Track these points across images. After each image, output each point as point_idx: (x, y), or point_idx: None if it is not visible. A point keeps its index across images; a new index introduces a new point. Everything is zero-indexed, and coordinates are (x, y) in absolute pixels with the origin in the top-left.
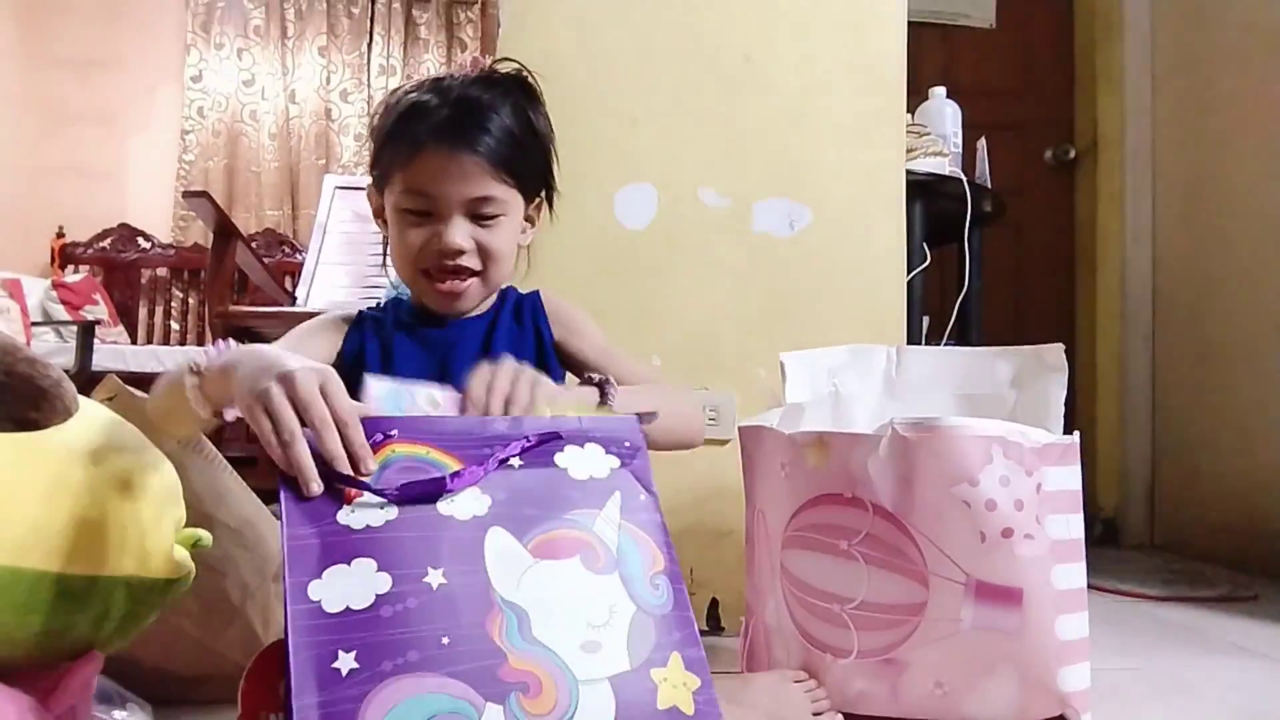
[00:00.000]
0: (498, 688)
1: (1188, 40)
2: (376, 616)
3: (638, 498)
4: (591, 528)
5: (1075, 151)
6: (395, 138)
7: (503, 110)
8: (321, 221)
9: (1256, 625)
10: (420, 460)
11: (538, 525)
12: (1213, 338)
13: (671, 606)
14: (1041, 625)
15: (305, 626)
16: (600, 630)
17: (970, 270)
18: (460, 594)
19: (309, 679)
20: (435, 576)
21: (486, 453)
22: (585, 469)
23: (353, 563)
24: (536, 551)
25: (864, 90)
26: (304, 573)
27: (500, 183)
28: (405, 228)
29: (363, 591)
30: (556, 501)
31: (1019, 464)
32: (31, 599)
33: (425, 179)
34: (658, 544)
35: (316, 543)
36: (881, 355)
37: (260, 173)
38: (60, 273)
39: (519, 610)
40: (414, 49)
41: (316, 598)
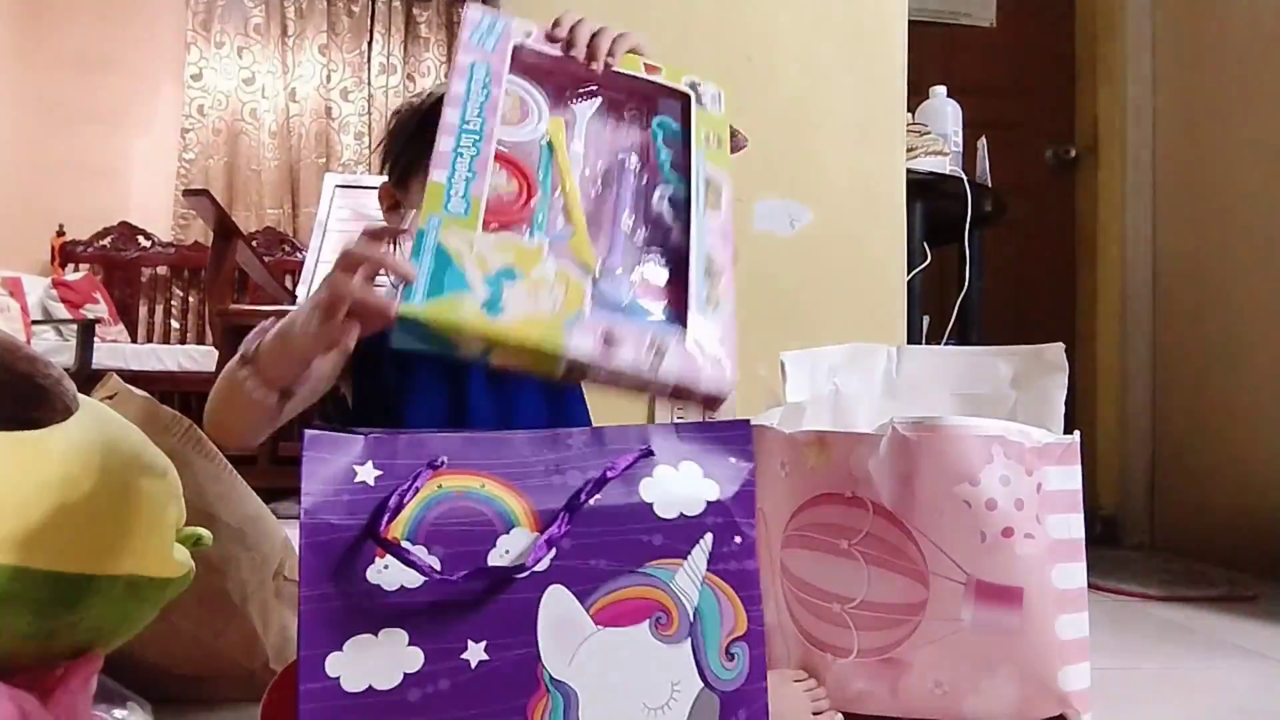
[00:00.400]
0: None
1: (1189, 39)
2: (403, 700)
3: (733, 541)
4: (670, 584)
5: (1076, 151)
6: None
7: None
8: (322, 220)
9: (1256, 625)
10: (473, 496)
11: (607, 582)
12: (1213, 337)
13: (744, 681)
14: (1042, 625)
15: (320, 709)
16: (657, 713)
17: (970, 269)
18: (502, 672)
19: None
20: (476, 652)
21: (556, 481)
22: (675, 504)
23: (380, 633)
24: (600, 617)
25: (864, 89)
26: (322, 643)
27: None
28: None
29: (389, 669)
30: (634, 549)
31: (1019, 463)
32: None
33: None
34: (744, 600)
35: (340, 606)
36: (882, 355)
37: (260, 171)
38: (60, 271)
39: (568, 690)
40: (414, 47)
41: (335, 674)
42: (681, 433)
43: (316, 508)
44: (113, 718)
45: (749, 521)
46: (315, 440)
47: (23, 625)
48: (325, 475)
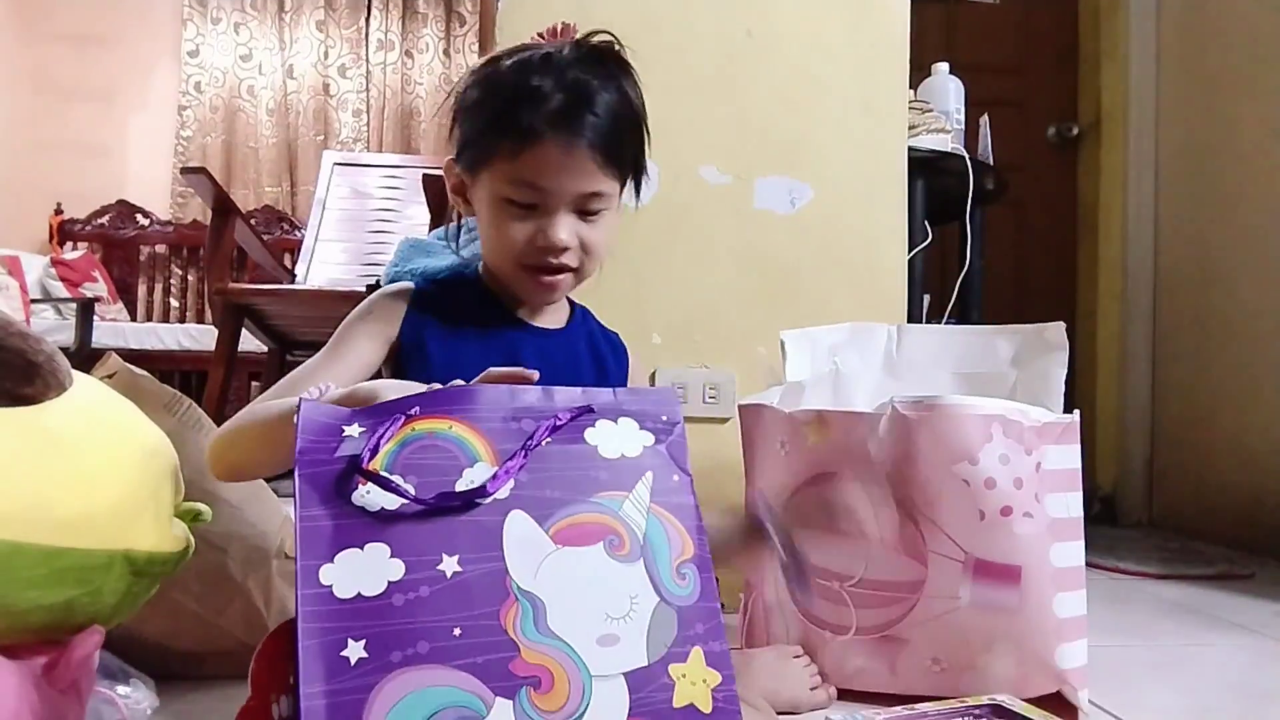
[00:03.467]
0: (508, 682)
1: (1192, 16)
2: (388, 605)
3: (671, 479)
4: (619, 511)
5: (1078, 129)
6: (503, 122)
7: (610, 93)
8: (320, 198)
9: (1253, 603)
10: (442, 436)
11: (561, 509)
12: (1213, 316)
13: (697, 597)
14: (1040, 603)
15: (315, 612)
16: (619, 623)
17: (972, 248)
18: (475, 583)
19: (317, 666)
20: (450, 564)
21: (514, 426)
22: (616, 446)
23: (365, 547)
24: (558, 537)
25: (866, 66)
26: (316, 555)
27: (608, 176)
28: (508, 219)
29: (375, 578)
30: (583, 482)
31: (1019, 442)
32: (31, 574)
33: (540, 172)
34: (688, 529)
35: (329, 525)
36: (882, 333)
37: (258, 149)
38: (59, 249)
39: (535, 600)
40: (412, 23)
41: (328, 582)
42: (618, 395)
43: (309, 449)
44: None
45: (683, 466)
46: (311, 405)
47: (22, 602)
48: (317, 429)
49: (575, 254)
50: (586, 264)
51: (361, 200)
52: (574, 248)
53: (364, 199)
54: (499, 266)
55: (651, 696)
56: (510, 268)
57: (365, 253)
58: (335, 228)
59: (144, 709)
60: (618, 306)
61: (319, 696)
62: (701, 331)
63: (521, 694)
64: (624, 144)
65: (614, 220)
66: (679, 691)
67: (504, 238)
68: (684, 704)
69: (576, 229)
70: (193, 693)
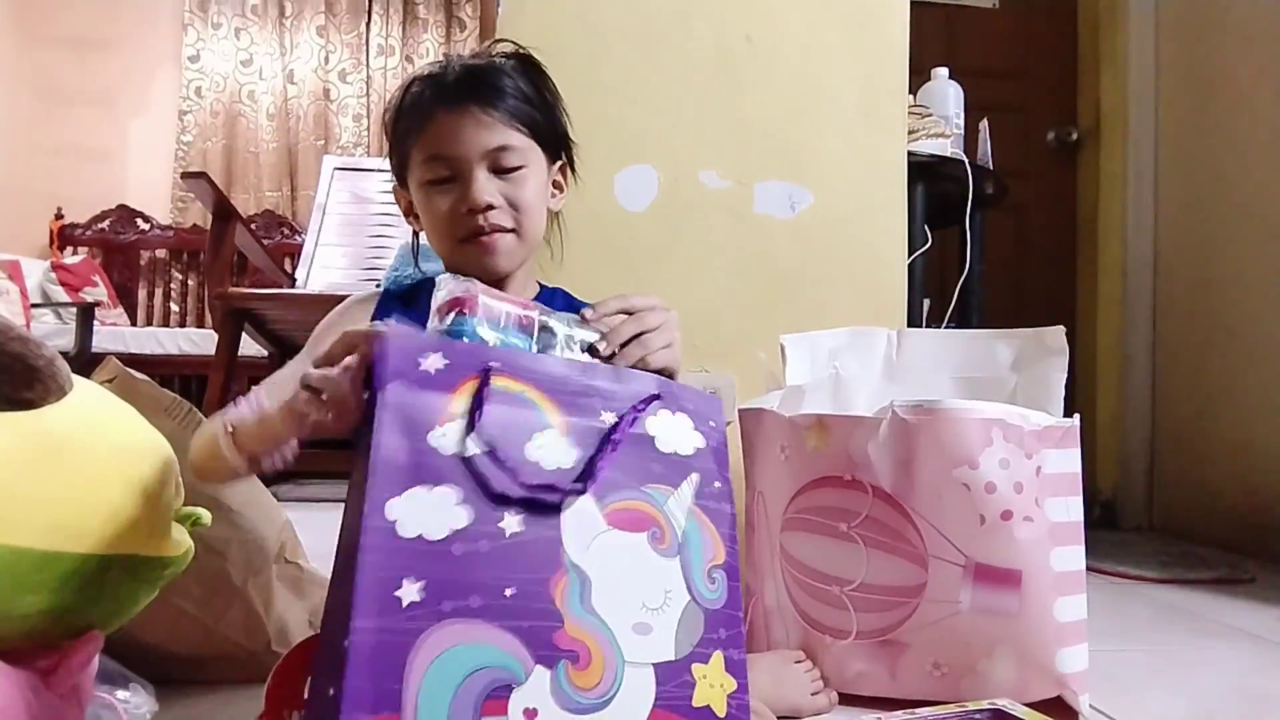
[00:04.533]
0: (549, 652)
1: (1192, 21)
2: (448, 552)
3: (713, 484)
4: (664, 506)
5: (1078, 133)
6: (406, 114)
7: (507, 70)
8: (320, 203)
9: (1254, 607)
10: (518, 398)
11: (617, 491)
12: (1213, 321)
13: (724, 603)
14: (1040, 607)
15: (377, 545)
16: (654, 614)
17: (971, 252)
18: (531, 546)
19: (371, 601)
20: (511, 523)
21: (583, 403)
22: (671, 442)
23: (434, 489)
24: (611, 519)
25: (866, 71)
26: (385, 488)
27: (515, 130)
28: (432, 199)
29: (440, 522)
30: (639, 471)
31: (1019, 447)
32: (30, 578)
33: (442, 142)
34: (723, 536)
35: (406, 458)
36: (882, 338)
37: (259, 153)
38: (59, 254)
39: (584, 575)
40: (412, 29)
41: (393, 517)
42: (679, 388)
43: (394, 374)
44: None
45: (724, 475)
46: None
47: (22, 606)
48: (402, 353)
49: (505, 213)
50: (523, 222)
51: (362, 205)
52: (501, 206)
53: (364, 204)
54: (442, 251)
55: (675, 691)
56: (451, 248)
57: (365, 257)
58: (335, 232)
59: (143, 714)
60: None
61: (369, 633)
62: (701, 335)
63: (560, 666)
64: (528, 106)
65: (538, 182)
66: (699, 691)
67: (435, 219)
68: (702, 704)
69: (499, 188)
70: (192, 697)
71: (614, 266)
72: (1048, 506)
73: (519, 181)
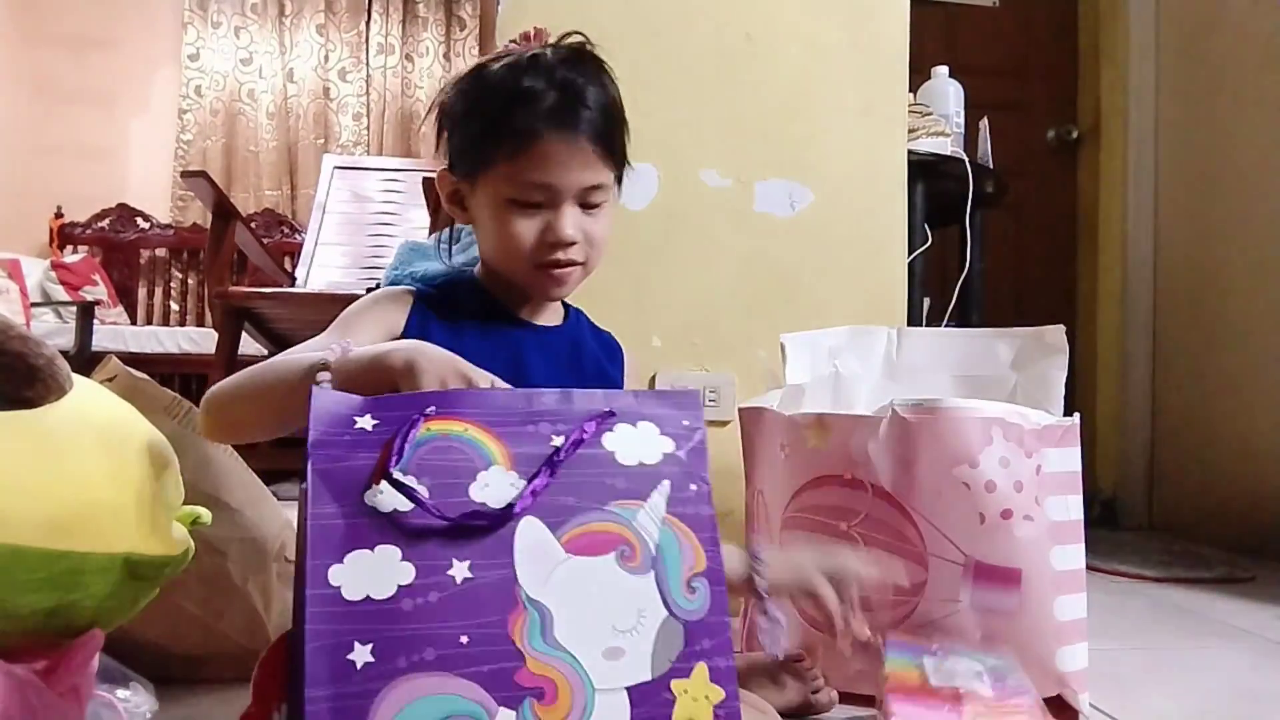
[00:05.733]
0: (512, 692)
1: (1192, 19)
2: (397, 609)
3: (689, 488)
4: (633, 522)
5: (1078, 132)
6: (500, 126)
7: (597, 88)
8: (320, 201)
9: (1253, 606)
10: (456, 438)
11: (576, 516)
12: (1214, 320)
13: (706, 612)
14: (1040, 606)
15: (323, 614)
16: (626, 636)
17: (971, 251)
18: (484, 590)
19: (323, 669)
20: (460, 569)
21: (529, 429)
22: (635, 453)
23: (376, 549)
24: (570, 546)
25: (866, 69)
26: (326, 554)
27: (606, 167)
28: (513, 219)
29: (385, 581)
30: (599, 490)
31: (1019, 445)
32: (30, 577)
33: (544, 169)
34: (702, 541)
35: (341, 524)
36: (882, 336)
37: (258, 152)
38: (59, 253)
39: (544, 609)
40: (412, 27)
41: (337, 583)
42: (639, 397)
43: (322, 442)
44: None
45: (702, 475)
46: (321, 393)
47: (22, 605)
48: (329, 419)
49: (582, 248)
50: (591, 256)
51: (362, 204)
52: (580, 241)
53: (364, 202)
54: (508, 268)
55: (652, 712)
56: (522, 267)
57: (365, 256)
58: (335, 231)
59: (143, 712)
60: (618, 309)
61: (323, 701)
62: (701, 334)
63: (525, 705)
64: (615, 135)
65: (612, 213)
66: (680, 707)
67: (512, 239)
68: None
69: (580, 222)
70: (192, 696)
71: (614, 265)
72: (1048, 505)
73: (598, 216)
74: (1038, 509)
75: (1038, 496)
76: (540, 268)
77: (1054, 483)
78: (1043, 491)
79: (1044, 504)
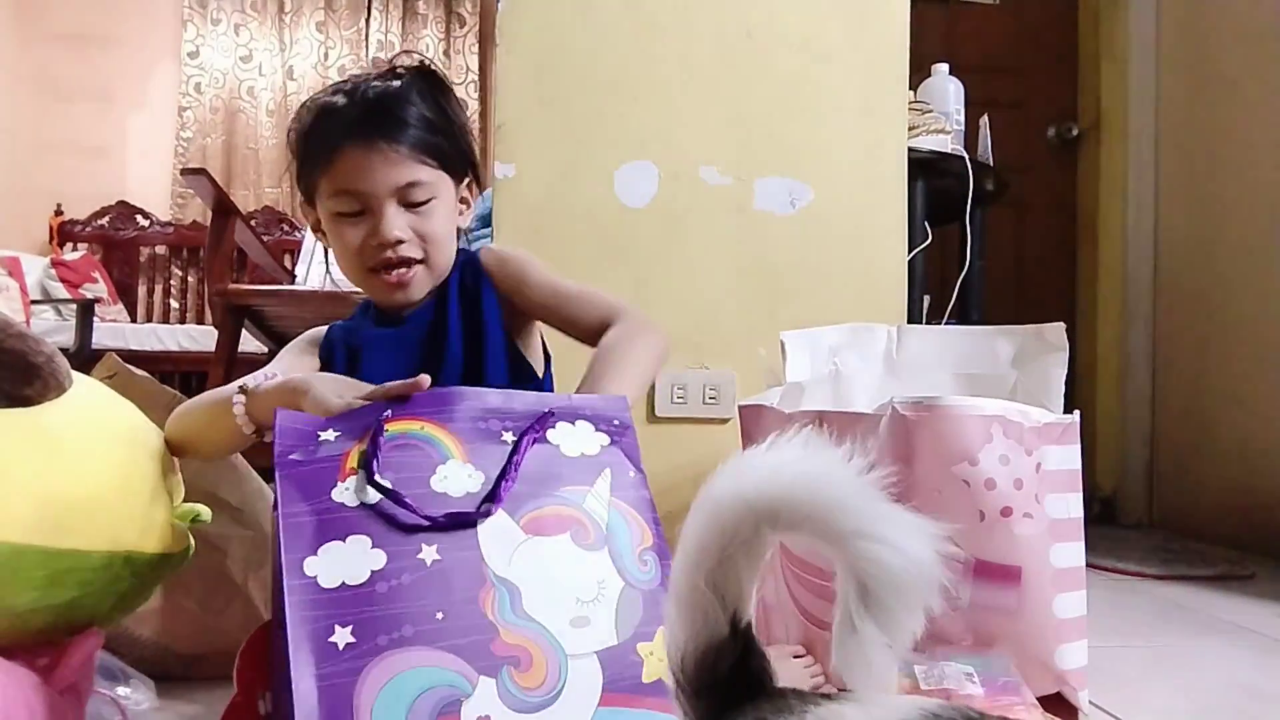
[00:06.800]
0: (490, 661)
1: (1193, 17)
2: (372, 592)
3: (627, 475)
4: (582, 504)
5: (1078, 129)
6: (311, 144)
7: (412, 98)
8: None
9: (1253, 604)
10: (414, 436)
11: (530, 502)
12: (1213, 317)
13: (659, 582)
14: (1040, 603)
15: (302, 601)
16: (589, 605)
17: (971, 249)
18: (454, 570)
19: (306, 654)
20: (429, 553)
21: (481, 426)
22: (577, 446)
23: (348, 539)
24: (528, 528)
25: (866, 67)
26: (300, 549)
27: (424, 165)
28: (342, 229)
29: (358, 567)
30: (548, 478)
31: (1019, 443)
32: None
33: (350, 177)
34: (646, 520)
35: (311, 520)
36: (882, 334)
37: (258, 150)
38: (59, 250)
39: (511, 586)
40: (412, 24)
41: (312, 573)
42: (571, 399)
43: (288, 450)
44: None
45: (637, 464)
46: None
47: (22, 602)
48: (295, 434)
49: (414, 245)
50: (432, 254)
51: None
52: (410, 239)
53: None
54: (355, 279)
55: (623, 673)
56: (361, 276)
57: None
58: None
59: (144, 710)
60: None
61: (310, 681)
62: (701, 332)
63: (503, 673)
64: (434, 136)
65: (447, 210)
66: (648, 668)
67: (345, 248)
68: (653, 679)
69: (408, 222)
70: (192, 693)
71: (614, 263)
72: (1047, 503)
73: (428, 214)
74: (1038, 506)
75: (1038, 494)
76: (374, 271)
77: (1054, 480)
78: (1043, 489)
79: (1044, 501)
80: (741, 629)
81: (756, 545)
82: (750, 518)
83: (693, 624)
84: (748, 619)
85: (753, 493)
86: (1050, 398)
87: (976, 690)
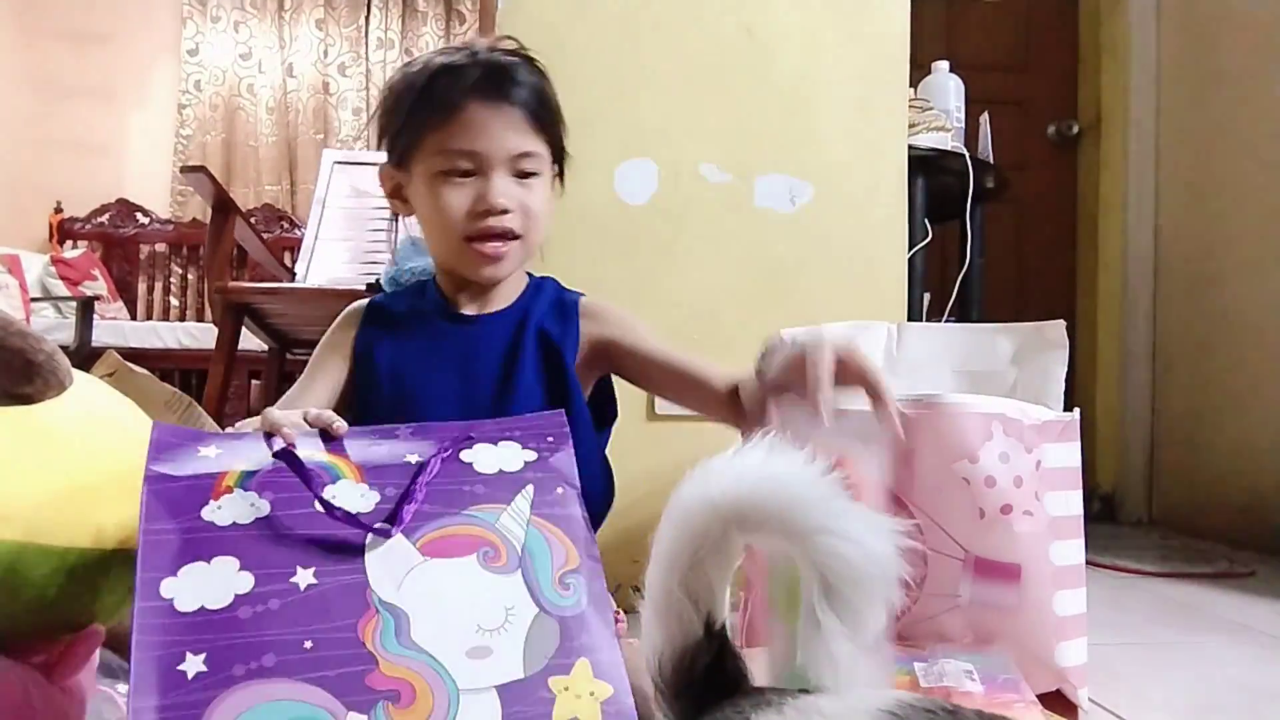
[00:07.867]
0: (363, 695)
1: (1193, 14)
2: (233, 617)
3: (555, 491)
4: (495, 524)
5: (1078, 127)
6: (426, 102)
7: (526, 69)
8: (320, 196)
9: (1253, 601)
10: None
11: (431, 521)
12: (1213, 315)
13: (584, 605)
14: (1039, 601)
15: (152, 625)
16: (492, 635)
17: (972, 246)
18: (332, 595)
19: (150, 680)
20: (305, 576)
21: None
22: (494, 463)
23: (213, 560)
24: (427, 549)
25: (866, 64)
26: (158, 568)
27: (538, 137)
28: (445, 190)
29: (221, 591)
30: (456, 496)
31: (1019, 441)
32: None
33: (467, 135)
34: (574, 539)
35: (175, 539)
36: (882, 331)
37: (258, 147)
38: (59, 248)
39: (398, 612)
40: (412, 22)
41: (169, 595)
42: (499, 424)
43: (159, 465)
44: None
45: (570, 480)
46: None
47: (23, 600)
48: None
49: (517, 217)
50: (529, 229)
51: (362, 199)
52: (515, 210)
53: (364, 197)
54: (444, 248)
55: (528, 710)
56: (455, 244)
57: (366, 251)
58: (335, 226)
59: None
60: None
61: (150, 711)
62: (702, 329)
63: (378, 708)
64: (546, 114)
65: (547, 189)
66: (560, 706)
67: (444, 212)
68: (567, 718)
69: (514, 192)
70: None
71: (614, 260)
72: (1047, 500)
73: (534, 188)
74: (1037, 504)
75: (1037, 492)
76: (472, 240)
77: (1054, 478)
78: (1042, 487)
79: (1044, 499)
80: (716, 631)
81: (726, 548)
82: (718, 521)
83: (668, 628)
84: (722, 621)
85: (719, 496)
86: (1050, 395)
87: (976, 688)
